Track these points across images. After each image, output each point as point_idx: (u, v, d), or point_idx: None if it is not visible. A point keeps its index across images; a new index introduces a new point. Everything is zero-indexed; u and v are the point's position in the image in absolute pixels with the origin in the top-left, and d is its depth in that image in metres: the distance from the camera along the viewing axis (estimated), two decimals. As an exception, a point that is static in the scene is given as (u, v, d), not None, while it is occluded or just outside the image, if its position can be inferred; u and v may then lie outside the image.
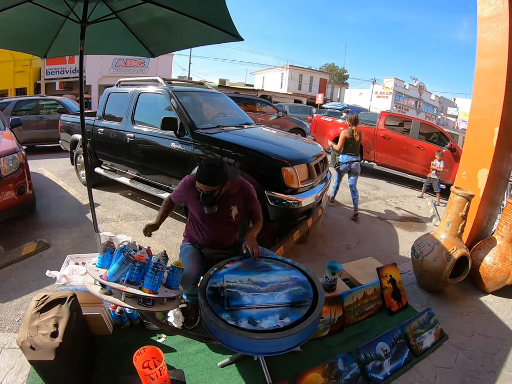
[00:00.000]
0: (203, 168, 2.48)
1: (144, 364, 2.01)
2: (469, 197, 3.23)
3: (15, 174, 4.29)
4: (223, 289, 2.13)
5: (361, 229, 5.39)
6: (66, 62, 21.11)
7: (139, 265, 1.98)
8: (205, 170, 2.46)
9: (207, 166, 2.48)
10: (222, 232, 2.75)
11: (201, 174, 2.45)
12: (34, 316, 2.00)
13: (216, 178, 2.45)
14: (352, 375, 2.24)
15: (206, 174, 2.44)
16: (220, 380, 2.25)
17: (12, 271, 3.56)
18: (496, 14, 3.26)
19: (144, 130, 5.01)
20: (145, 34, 3.59)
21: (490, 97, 3.44)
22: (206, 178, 2.43)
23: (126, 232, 4.45)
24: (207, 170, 2.45)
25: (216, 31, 3.11)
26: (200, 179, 2.44)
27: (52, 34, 3.41)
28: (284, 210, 3.75)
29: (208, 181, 2.43)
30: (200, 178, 2.44)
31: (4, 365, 2.27)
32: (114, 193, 6.20)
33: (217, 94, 6.16)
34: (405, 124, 9.64)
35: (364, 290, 3.00)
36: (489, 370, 2.56)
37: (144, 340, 2.51)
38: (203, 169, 2.47)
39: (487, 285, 3.50)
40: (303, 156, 4.12)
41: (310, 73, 39.20)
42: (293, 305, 2.00)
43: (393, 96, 39.97)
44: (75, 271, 2.74)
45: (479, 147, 3.58)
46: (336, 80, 56.16)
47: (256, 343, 1.81)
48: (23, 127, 7.94)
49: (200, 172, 2.47)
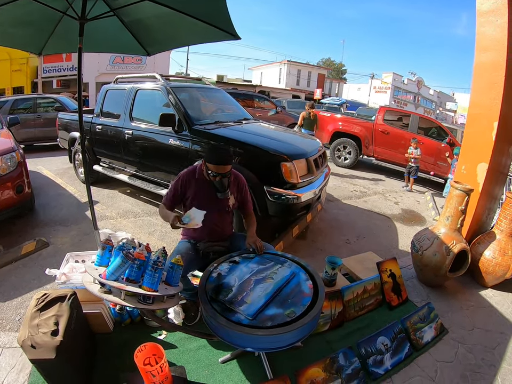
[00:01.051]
0: (217, 150, 2.57)
1: (145, 360, 2.00)
2: (468, 191, 3.22)
3: (13, 173, 4.28)
4: (223, 284, 2.14)
5: (361, 223, 5.39)
6: (63, 60, 21.00)
7: (138, 263, 1.98)
8: (221, 152, 2.55)
9: (219, 148, 2.61)
10: (221, 221, 2.78)
11: (218, 156, 2.52)
12: (35, 315, 2.00)
13: (231, 157, 2.57)
14: (353, 370, 2.25)
15: (223, 154, 2.53)
16: (221, 376, 2.25)
17: (12, 270, 3.55)
18: (495, 8, 3.25)
19: (142, 127, 4.99)
20: (142, 33, 3.57)
21: (489, 91, 3.43)
22: (225, 158, 2.51)
23: (125, 229, 4.45)
24: (222, 151, 2.55)
25: (214, 29, 3.09)
26: (218, 161, 2.49)
27: (48, 31, 3.38)
28: (283, 205, 3.75)
29: (228, 161, 2.51)
30: (218, 160, 2.49)
31: (5, 364, 2.27)
32: (113, 191, 6.20)
33: (215, 90, 6.14)
34: (404, 118, 9.64)
35: (364, 285, 3.00)
36: (489, 364, 2.56)
37: (144, 336, 2.52)
38: (219, 151, 2.56)
39: (487, 279, 3.50)
40: (302, 150, 4.12)
41: (308, 68, 39.04)
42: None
43: (392, 91, 39.87)
44: (75, 269, 2.74)
45: (478, 141, 3.57)
46: (334, 75, 56.05)
47: (257, 339, 1.82)
48: (20, 125, 7.92)
49: (216, 154, 2.53)
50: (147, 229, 4.68)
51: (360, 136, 9.29)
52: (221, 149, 2.61)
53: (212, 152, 2.56)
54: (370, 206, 6.39)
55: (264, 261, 2.42)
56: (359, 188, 7.55)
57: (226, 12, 2.78)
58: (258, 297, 2.02)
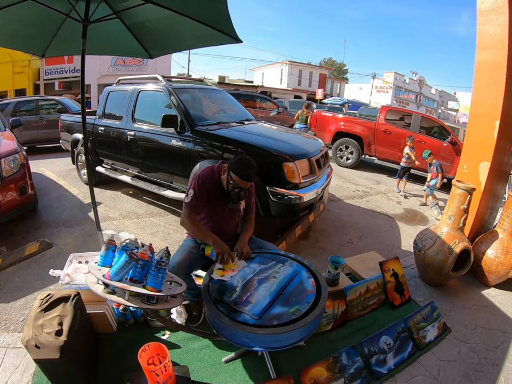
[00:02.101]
0: (247, 165, 2.48)
1: (149, 360, 2.02)
2: (471, 190, 3.22)
3: (17, 175, 4.30)
4: (226, 285, 2.14)
5: (363, 223, 5.39)
6: (65, 62, 21.05)
7: (142, 263, 1.99)
8: (247, 167, 2.47)
9: (249, 162, 2.49)
10: (229, 223, 2.78)
11: (245, 171, 2.45)
12: (39, 315, 2.01)
13: (255, 173, 2.54)
14: (356, 369, 2.25)
15: (249, 170, 2.47)
16: (224, 375, 2.26)
17: (15, 271, 3.57)
18: (495, 7, 3.25)
19: (145, 128, 5.00)
20: (144, 36, 3.59)
21: (490, 90, 3.43)
22: (251, 175, 2.48)
23: (128, 230, 4.46)
24: (249, 167, 2.47)
25: (216, 32, 3.11)
26: (245, 177, 2.45)
27: (51, 33, 3.40)
28: (285, 205, 3.75)
29: (252, 178, 2.51)
30: (245, 176, 2.45)
31: (9, 365, 2.28)
32: (115, 192, 6.21)
33: (217, 91, 6.14)
34: (406, 118, 9.60)
35: (367, 285, 3.01)
36: (492, 363, 2.57)
37: (148, 336, 2.53)
38: (248, 166, 2.48)
39: (489, 278, 3.50)
40: (304, 151, 4.12)
41: (309, 69, 39.07)
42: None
43: (394, 91, 39.84)
44: (78, 270, 2.76)
45: (480, 140, 3.57)
46: (336, 75, 56.03)
47: (261, 338, 1.82)
48: (23, 127, 7.96)
49: (245, 169, 2.46)
50: (150, 229, 4.69)
51: (362, 136, 9.27)
52: (252, 165, 2.49)
53: (241, 165, 2.47)
54: (373, 205, 6.39)
55: (266, 261, 2.43)
56: (361, 188, 7.54)
57: (227, 15, 2.79)
58: (262, 297, 2.02)
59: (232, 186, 2.51)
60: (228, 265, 2.37)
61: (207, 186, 2.59)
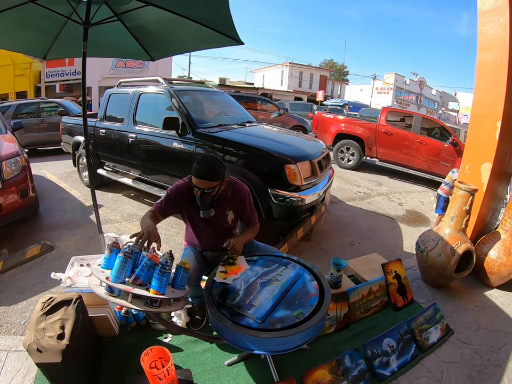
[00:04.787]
0: (201, 163, 2.32)
1: (152, 364, 2.01)
2: (473, 192, 3.21)
3: (18, 177, 4.30)
4: (229, 289, 2.14)
5: (365, 225, 5.38)
6: (66, 64, 21.07)
7: (150, 263, 1.98)
8: (204, 165, 2.31)
9: (205, 160, 2.34)
10: (221, 236, 2.60)
11: (201, 168, 2.29)
12: (40, 319, 2.01)
13: (217, 173, 2.33)
14: (359, 372, 2.24)
15: (205, 167, 2.30)
16: (227, 378, 2.25)
17: (17, 274, 3.57)
18: (496, 8, 3.25)
19: (146, 131, 5.01)
20: (146, 38, 3.60)
21: (491, 91, 3.42)
22: (206, 172, 2.29)
23: (129, 233, 4.43)
24: (206, 164, 2.31)
25: (217, 35, 3.11)
26: (199, 174, 2.28)
27: (52, 36, 3.41)
28: (287, 207, 3.75)
29: (208, 175, 2.29)
30: (199, 173, 2.28)
31: (11, 368, 2.27)
32: (117, 194, 6.22)
33: (218, 93, 6.15)
34: (407, 119, 9.59)
35: (369, 287, 3.00)
36: (495, 364, 2.55)
37: (150, 340, 2.52)
38: (202, 164, 2.31)
39: (492, 279, 3.49)
40: (306, 153, 4.11)
41: (310, 70, 39.12)
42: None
43: (394, 92, 39.88)
44: (80, 273, 2.75)
45: (482, 141, 3.56)
46: (336, 76, 56.07)
47: (264, 342, 1.81)
48: (24, 130, 7.94)
49: (198, 166, 2.30)
50: (151, 232, 4.67)
51: (363, 138, 9.27)
52: (207, 162, 2.34)
53: (198, 163, 2.32)
54: (374, 207, 6.38)
55: (268, 263, 2.41)
56: (362, 190, 7.53)
57: (229, 17, 2.79)
58: (266, 300, 2.01)
59: (195, 190, 2.35)
60: (230, 267, 2.35)
61: (180, 193, 2.48)
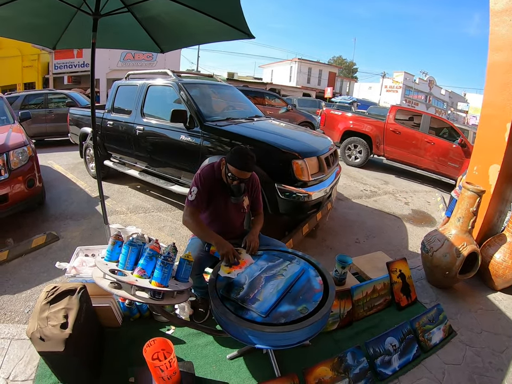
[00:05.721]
0: (242, 155, 2.44)
1: (154, 355, 2.01)
2: (480, 193, 3.18)
3: (25, 167, 4.32)
4: (233, 282, 2.14)
5: (371, 223, 5.36)
6: (74, 56, 21.19)
7: (151, 252, 1.99)
8: (245, 157, 2.42)
9: (244, 153, 2.45)
10: (235, 222, 2.75)
11: (242, 160, 2.41)
12: (44, 307, 2.01)
13: (254, 164, 2.49)
14: (361, 370, 2.24)
15: (246, 160, 2.42)
16: (228, 372, 2.25)
17: (22, 263, 3.60)
18: (508, 8, 3.20)
19: (154, 123, 5.01)
20: (156, 30, 3.57)
21: (502, 92, 3.38)
22: (248, 165, 2.42)
23: (135, 224, 4.46)
24: (247, 157, 2.43)
25: (228, 28, 3.09)
26: (242, 166, 2.39)
27: (62, 26, 3.40)
28: (293, 203, 3.74)
29: (250, 168, 2.44)
30: (242, 166, 2.39)
31: (13, 356, 2.29)
32: (123, 186, 6.24)
33: (226, 87, 6.12)
34: (415, 118, 9.52)
35: (374, 285, 2.99)
36: (497, 368, 2.54)
37: (153, 331, 2.53)
38: (243, 156, 2.43)
39: (496, 282, 3.46)
40: (314, 148, 4.10)
41: (319, 67, 38.91)
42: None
43: (403, 90, 39.62)
44: (85, 263, 2.76)
45: (491, 142, 3.52)
46: (345, 73, 55.79)
47: (267, 336, 1.81)
48: (32, 121, 7.98)
49: (240, 158, 2.41)
50: (157, 224, 4.70)
51: (371, 135, 9.21)
52: (248, 154, 2.45)
53: (238, 155, 2.43)
54: (380, 205, 6.35)
55: (273, 258, 2.41)
56: (369, 188, 7.50)
57: (240, 10, 2.77)
58: (270, 294, 2.01)
59: (231, 179, 2.46)
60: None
61: (209, 183, 2.56)
